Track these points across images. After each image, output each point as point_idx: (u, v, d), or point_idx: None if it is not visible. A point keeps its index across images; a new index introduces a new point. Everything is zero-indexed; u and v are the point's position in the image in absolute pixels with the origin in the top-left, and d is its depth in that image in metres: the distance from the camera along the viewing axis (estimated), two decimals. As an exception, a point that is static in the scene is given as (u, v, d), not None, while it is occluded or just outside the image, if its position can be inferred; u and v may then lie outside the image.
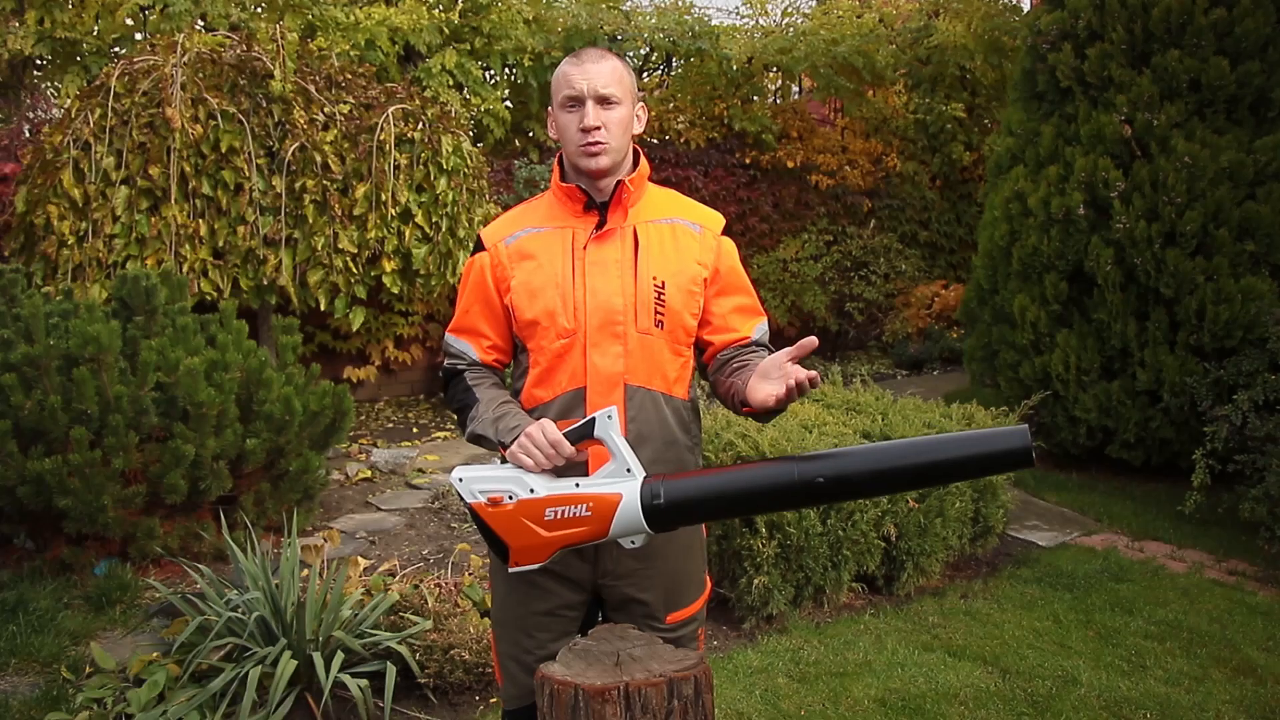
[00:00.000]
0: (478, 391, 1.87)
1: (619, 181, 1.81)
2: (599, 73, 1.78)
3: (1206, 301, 4.70)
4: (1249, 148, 4.78)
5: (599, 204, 1.83)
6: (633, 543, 1.69)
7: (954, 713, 3.00)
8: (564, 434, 1.69)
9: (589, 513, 1.65)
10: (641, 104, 1.89)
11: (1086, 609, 3.77)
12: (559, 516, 1.66)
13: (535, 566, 1.71)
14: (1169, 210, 4.76)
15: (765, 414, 1.73)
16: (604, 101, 1.77)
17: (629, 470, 1.66)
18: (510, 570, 1.73)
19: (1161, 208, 4.78)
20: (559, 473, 1.72)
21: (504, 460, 1.77)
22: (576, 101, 1.78)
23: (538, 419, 1.79)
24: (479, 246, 1.89)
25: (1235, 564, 4.22)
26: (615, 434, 1.67)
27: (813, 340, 1.65)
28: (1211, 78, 4.81)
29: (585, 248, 1.81)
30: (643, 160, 1.88)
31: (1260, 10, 4.78)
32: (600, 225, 1.82)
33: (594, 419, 1.68)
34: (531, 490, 1.67)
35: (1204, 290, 4.71)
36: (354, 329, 6.23)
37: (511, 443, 1.73)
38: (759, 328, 1.93)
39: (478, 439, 1.83)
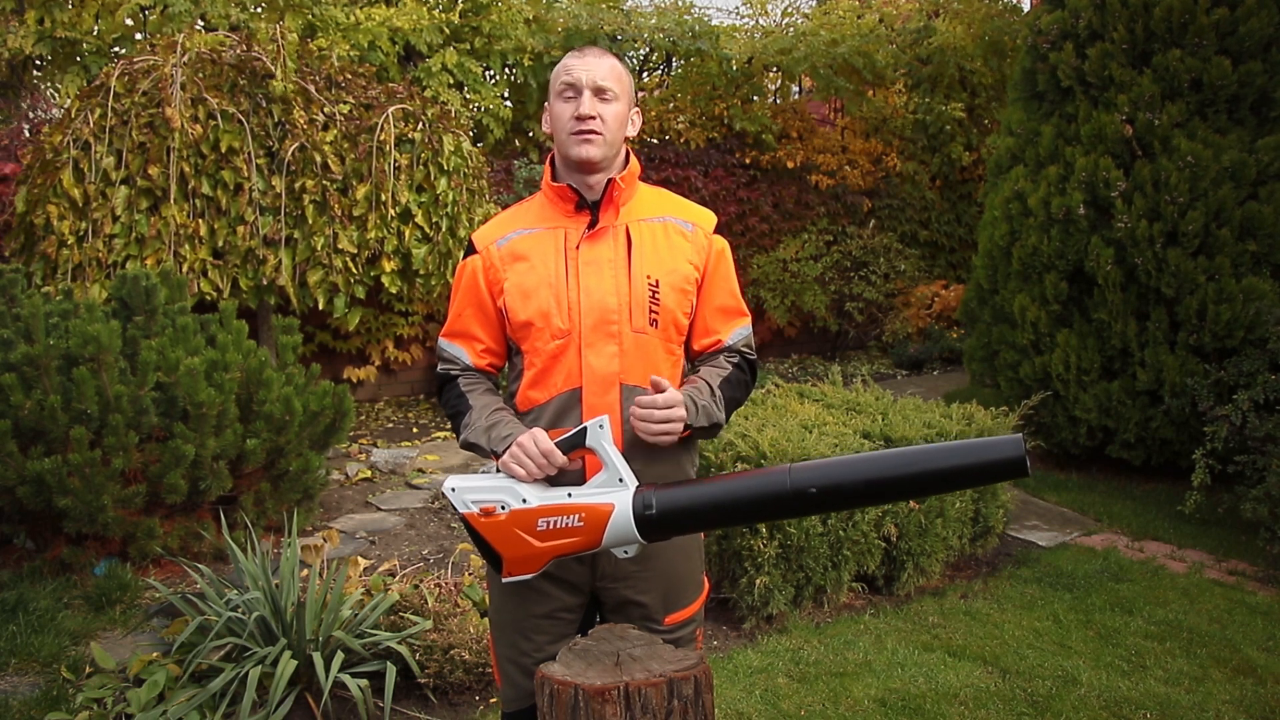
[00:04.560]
0: (471, 398, 1.86)
1: (610, 180, 1.81)
2: (599, 66, 1.78)
3: (1208, 301, 4.70)
4: (1251, 147, 4.77)
5: (590, 203, 1.82)
6: (626, 552, 1.68)
7: (954, 713, 3.00)
8: (556, 443, 1.68)
9: (581, 523, 1.64)
10: (637, 109, 1.89)
11: (1086, 609, 3.76)
12: (551, 527, 1.65)
13: (529, 576, 1.70)
14: (1171, 210, 4.75)
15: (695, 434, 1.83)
16: (601, 94, 1.78)
17: (621, 480, 1.66)
18: (504, 580, 1.73)
19: (1163, 207, 4.77)
20: (553, 481, 1.71)
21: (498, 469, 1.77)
22: (574, 90, 1.78)
23: (533, 421, 1.79)
24: (470, 250, 1.89)
25: (1235, 564, 4.21)
26: (607, 443, 1.66)
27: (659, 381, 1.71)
28: (1213, 77, 4.81)
29: (578, 247, 1.80)
30: (633, 159, 1.87)
31: (1264, 10, 4.77)
32: (592, 224, 1.82)
33: (585, 428, 1.67)
34: (524, 500, 1.67)
35: (1205, 290, 4.70)
36: (350, 328, 6.23)
37: (503, 452, 1.73)
38: (737, 331, 1.92)
39: (470, 447, 1.82)
